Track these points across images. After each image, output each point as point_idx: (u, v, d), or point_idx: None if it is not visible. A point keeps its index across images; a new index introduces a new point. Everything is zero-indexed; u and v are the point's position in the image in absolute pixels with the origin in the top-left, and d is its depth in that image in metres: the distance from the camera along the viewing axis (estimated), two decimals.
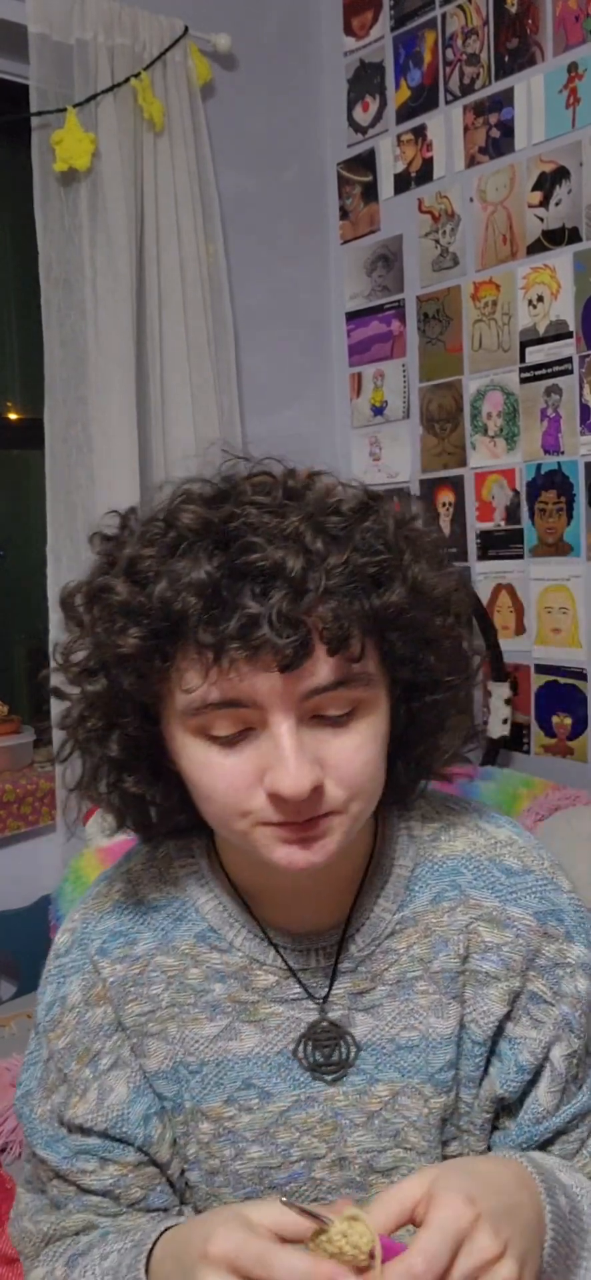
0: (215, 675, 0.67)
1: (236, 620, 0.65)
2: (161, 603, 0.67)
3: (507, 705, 2.42)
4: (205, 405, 2.41)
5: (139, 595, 0.68)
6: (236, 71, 2.60)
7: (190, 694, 0.69)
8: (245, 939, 0.82)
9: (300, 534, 0.67)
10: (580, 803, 2.10)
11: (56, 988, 0.85)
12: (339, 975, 0.82)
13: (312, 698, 0.69)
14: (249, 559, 0.66)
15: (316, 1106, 0.82)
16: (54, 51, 2.18)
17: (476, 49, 2.44)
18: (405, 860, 0.83)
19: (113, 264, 2.24)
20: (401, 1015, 0.81)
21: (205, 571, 0.66)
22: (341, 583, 0.67)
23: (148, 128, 2.31)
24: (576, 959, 0.81)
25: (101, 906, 0.87)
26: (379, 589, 0.69)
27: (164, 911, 0.84)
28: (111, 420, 2.24)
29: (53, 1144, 0.83)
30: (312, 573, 0.66)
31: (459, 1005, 0.81)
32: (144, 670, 0.70)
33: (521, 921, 0.81)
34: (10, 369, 2.54)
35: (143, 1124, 0.82)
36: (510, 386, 2.44)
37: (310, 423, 2.80)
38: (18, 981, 2.22)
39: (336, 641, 0.67)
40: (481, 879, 0.82)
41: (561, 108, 2.28)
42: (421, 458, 2.66)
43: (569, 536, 2.36)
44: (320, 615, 0.66)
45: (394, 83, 2.65)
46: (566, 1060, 0.80)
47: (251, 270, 2.63)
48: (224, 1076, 0.82)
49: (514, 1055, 0.80)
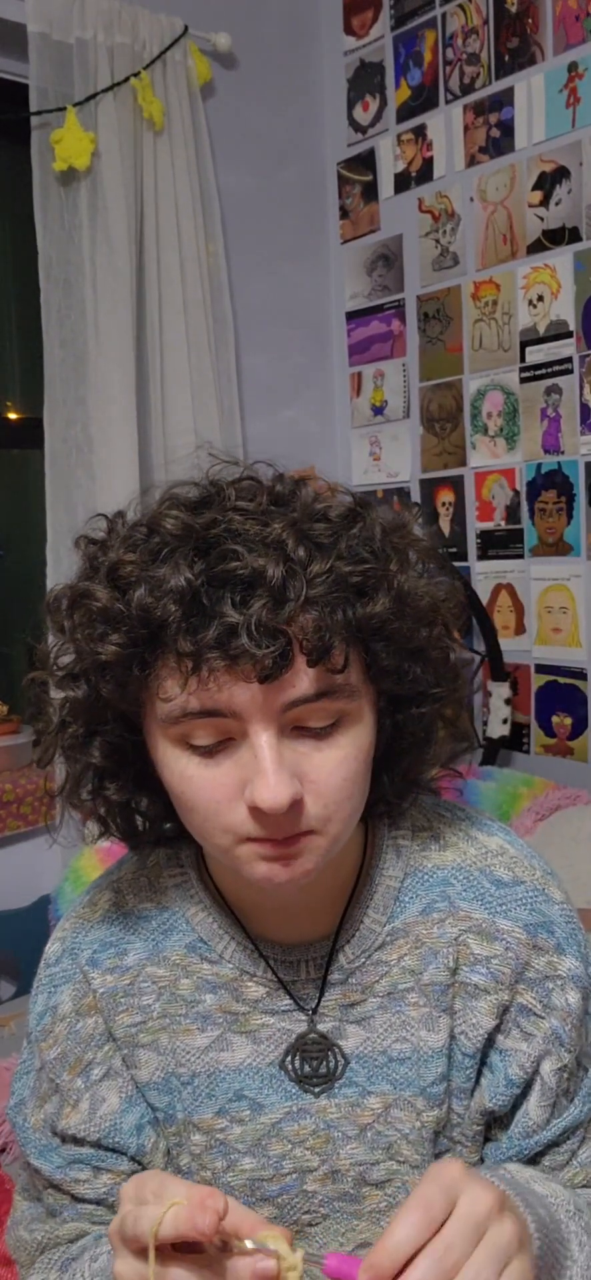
0: (194, 684, 0.66)
1: (215, 629, 0.64)
2: (141, 610, 0.66)
3: (507, 705, 2.42)
4: (205, 405, 2.41)
5: (119, 602, 0.67)
6: (236, 71, 2.60)
7: (169, 702, 0.67)
8: (235, 951, 0.81)
9: (282, 541, 0.65)
10: (580, 803, 2.10)
11: (47, 997, 0.85)
12: (329, 987, 0.81)
13: (293, 709, 0.67)
14: (229, 567, 0.65)
15: (308, 1119, 0.81)
16: (54, 50, 2.18)
17: (476, 48, 2.44)
18: (394, 871, 0.82)
19: (113, 263, 2.23)
20: (393, 1027, 0.80)
21: (185, 579, 0.65)
22: (324, 592, 0.65)
23: (147, 127, 2.31)
24: (567, 972, 0.80)
25: (91, 916, 0.86)
26: (363, 598, 0.68)
27: (154, 922, 0.84)
28: (111, 420, 2.24)
29: (46, 1153, 0.83)
30: (293, 581, 0.65)
31: (449, 1018, 0.80)
32: (123, 678, 0.69)
33: (511, 934, 0.79)
34: (10, 369, 2.54)
35: (135, 1134, 0.82)
36: (510, 386, 2.44)
37: (310, 423, 2.80)
38: (17, 981, 2.22)
39: (317, 652, 0.65)
40: (471, 890, 0.81)
41: (561, 107, 2.28)
42: (421, 457, 2.66)
43: (569, 536, 2.36)
44: (301, 625, 0.65)
45: (394, 82, 2.65)
46: (556, 1075, 0.79)
47: (251, 270, 2.63)
48: (215, 1088, 0.81)
49: (504, 1068, 0.79)
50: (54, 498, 2.23)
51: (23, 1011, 2.02)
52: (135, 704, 0.72)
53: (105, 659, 0.68)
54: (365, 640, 0.70)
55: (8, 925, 2.20)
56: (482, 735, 2.51)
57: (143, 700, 0.71)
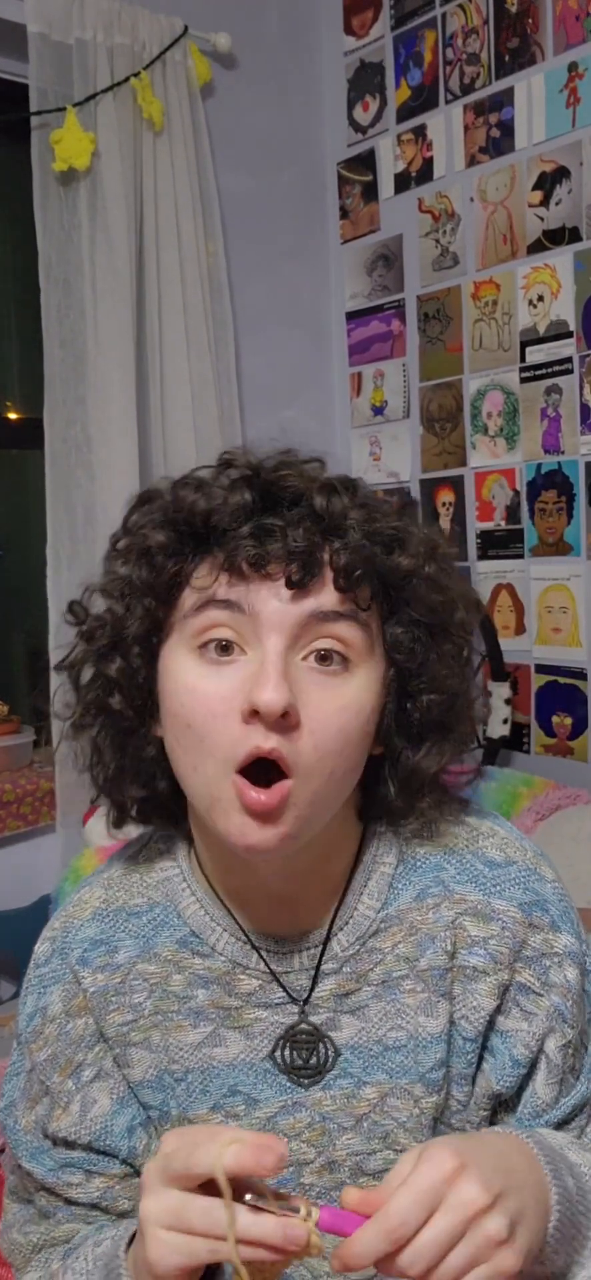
0: (225, 578, 0.71)
1: (253, 525, 0.71)
2: (194, 510, 0.73)
3: (507, 705, 2.41)
4: (205, 405, 2.41)
5: (179, 503, 0.74)
6: (236, 71, 2.60)
7: (198, 591, 0.73)
8: (227, 943, 0.81)
9: (331, 484, 0.73)
10: (580, 802, 2.10)
11: (37, 998, 0.84)
12: (323, 977, 0.81)
13: (311, 624, 0.71)
14: (282, 484, 0.72)
15: (304, 1111, 0.81)
16: (53, 51, 2.17)
17: (476, 48, 2.44)
18: (388, 858, 0.83)
19: (112, 264, 2.23)
20: (388, 1016, 0.80)
21: (242, 498, 0.72)
22: (359, 535, 0.72)
23: (147, 127, 2.30)
24: (563, 948, 0.80)
25: (81, 914, 0.85)
26: (393, 551, 0.75)
27: (145, 917, 0.83)
28: (111, 420, 2.24)
29: (38, 1156, 0.83)
30: (334, 511, 0.72)
31: (448, 1003, 0.80)
32: (162, 566, 0.74)
33: (506, 914, 0.80)
34: (10, 369, 2.54)
35: (127, 1135, 0.81)
36: (510, 386, 2.44)
37: (310, 422, 2.79)
38: (17, 982, 2.22)
39: (345, 574, 0.71)
40: (464, 873, 0.82)
41: (561, 107, 2.27)
42: (421, 457, 2.66)
43: (569, 536, 2.36)
44: (334, 548, 0.72)
45: (394, 82, 2.65)
46: (561, 1051, 0.80)
47: (251, 270, 2.63)
48: (209, 1084, 0.81)
49: (507, 1049, 0.80)
50: (54, 498, 2.23)
51: None
52: (159, 617, 0.75)
53: (150, 545, 0.74)
54: (388, 596, 0.75)
55: (8, 925, 2.20)
56: (482, 735, 2.51)
57: (171, 607, 0.75)
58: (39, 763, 2.41)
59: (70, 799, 2.19)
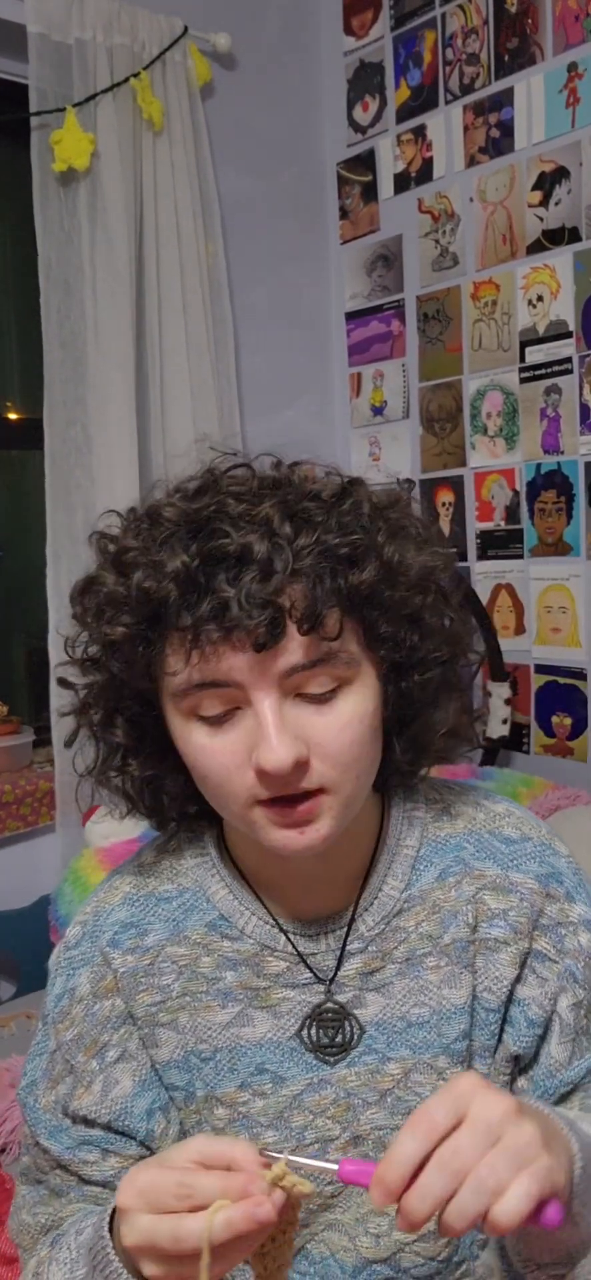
0: (196, 658, 0.71)
1: (209, 603, 0.69)
2: (143, 591, 0.71)
3: (507, 705, 2.41)
4: (205, 405, 2.41)
5: (123, 586, 0.73)
6: (236, 71, 2.60)
7: (175, 677, 0.72)
8: (255, 926, 0.83)
9: (269, 519, 0.70)
10: (580, 803, 2.10)
11: (66, 979, 0.87)
12: (348, 956, 0.83)
13: (292, 676, 0.71)
14: (219, 544, 0.69)
15: (329, 1089, 0.82)
16: (53, 51, 2.17)
17: (476, 49, 2.44)
18: (411, 841, 0.85)
19: (112, 264, 2.23)
20: (411, 992, 0.83)
21: (181, 561, 0.70)
22: (312, 563, 0.69)
23: (147, 127, 2.30)
24: (578, 917, 0.83)
25: (112, 899, 0.88)
26: (353, 568, 0.72)
27: (175, 902, 0.86)
28: (111, 420, 2.24)
29: (56, 1134, 0.85)
30: (279, 555, 0.69)
31: (471, 975, 0.82)
32: (131, 657, 0.74)
33: (524, 885, 0.83)
34: (10, 369, 2.54)
35: (146, 1118, 0.83)
36: (510, 386, 2.44)
37: (310, 423, 2.80)
38: (17, 982, 2.22)
39: (308, 620, 0.69)
40: (483, 850, 0.85)
41: (561, 107, 2.28)
42: (421, 458, 2.66)
43: (568, 536, 2.36)
44: (290, 595, 0.69)
45: (394, 82, 2.65)
46: (573, 1011, 0.82)
47: (251, 270, 2.63)
48: (237, 1062, 0.83)
49: (523, 1014, 0.82)
50: (54, 498, 2.23)
51: (23, 1012, 2.02)
52: (149, 681, 0.76)
53: (114, 639, 0.73)
54: (360, 609, 0.73)
55: (8, 925, 2.20)
56: (482, 735, 2.51)
57: (155, 677, 0.75)
58: (38, 763, 2.41)
59: (70, 799, 2.19)
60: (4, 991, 2.27)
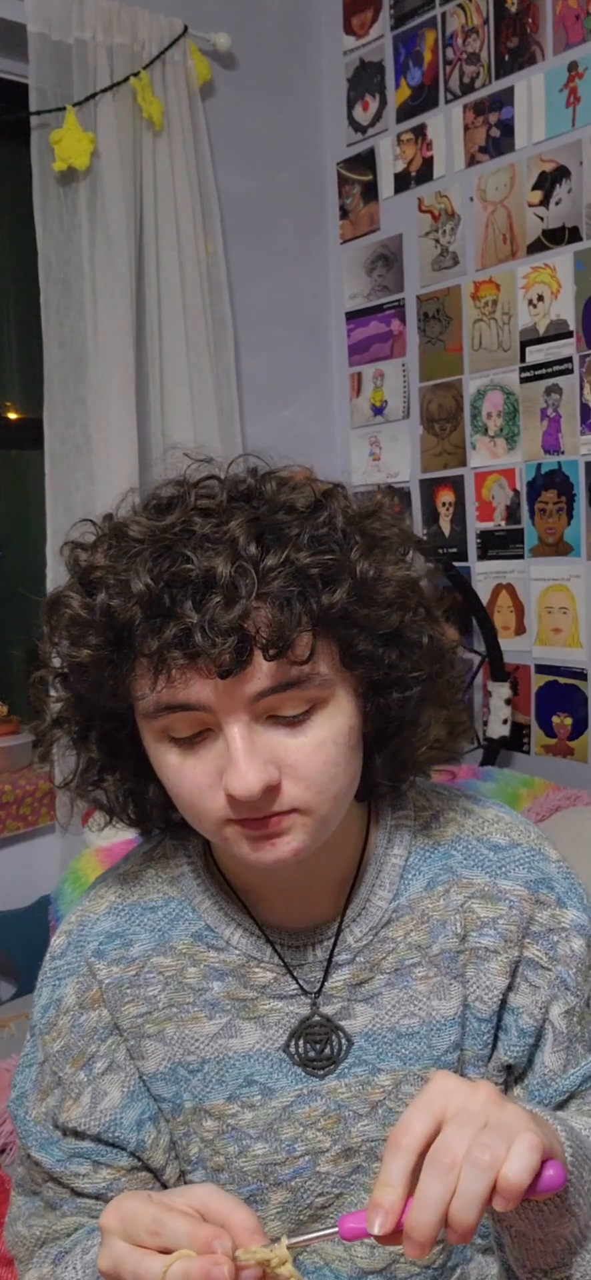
0: (163, 682, 0.68)
1: (173, 629, 0.66)
2: (108, 614, 0.69)
3: (507, 705, 2.41)
4: (205, 405, 2.41)
5: (88, 608, 0.70)
6: (236, 71, 2.60)
7: (143, 700, 0.70)
8: (242, 937, 0.82)
9: (234, 540, 0.67)
10: (580, 803, 2.10)
11: (52, 990, 0.86)
12: (336, 967, 0.82)
13: (260, 700, 0.69)
14: (183, 569, 0.67)
15: (319, 1100, 0.82)
16: (53, 51, 2.17)
17: (476, 48, 2.44)
18: (399, 850, 0.84)
19: (112, 264, 2.23)
20: (401, 1003, 0.82)
21: (145, 583, 0.67)
22: (280, 586, 0.66)
23: (147, 127, 2.30)
24: (570, 923, 0.82)
25: (97, 908, 0.87)
26: (325, 587, 0.68)
27: (161, 912, 0.85)
28: (111, 420, 2.24)
29: (47, 1146, 0.84)
30: (244, 579, 0.66)
31: (461, 985, 0.81)
32: (99, 679, 0.71)
33: (513, 893, 0.82)
34: (10, 369, 2.53)
35: (135, 1129, 0.82)
36: (510, 386, 2.44)
37: (310, 423, 2.79)
38: (17, 982, 2.22)
39: (274, 646, 0.66)
40: (471, 858, 0.83)
41: (561, 107, 2.27)
42: (421, 458, 2.66)
43: (569, 536, 2.35)
44: (255, 621, 0.66)
45: (394, 82, 2.64)
46: (566, 1018, 0.81)
47: (251, 270, 2.63)
48: (225, 1074, 0.82)
49: (515, 1022, 0.81)
50: (54, 498, 2.23)
51: (22, 1013, 2.02)
52: (120, 700, 0.74)
53: (81, 661, 0.71)
54: (335, 629, 0.70)
55: (7, 925, 2.20)
56: (483, 736, 2.50)
57: (124, 695, 0.73)
58: (38, 763, 2.41)
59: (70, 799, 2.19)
60: (4, 991, 2.27)
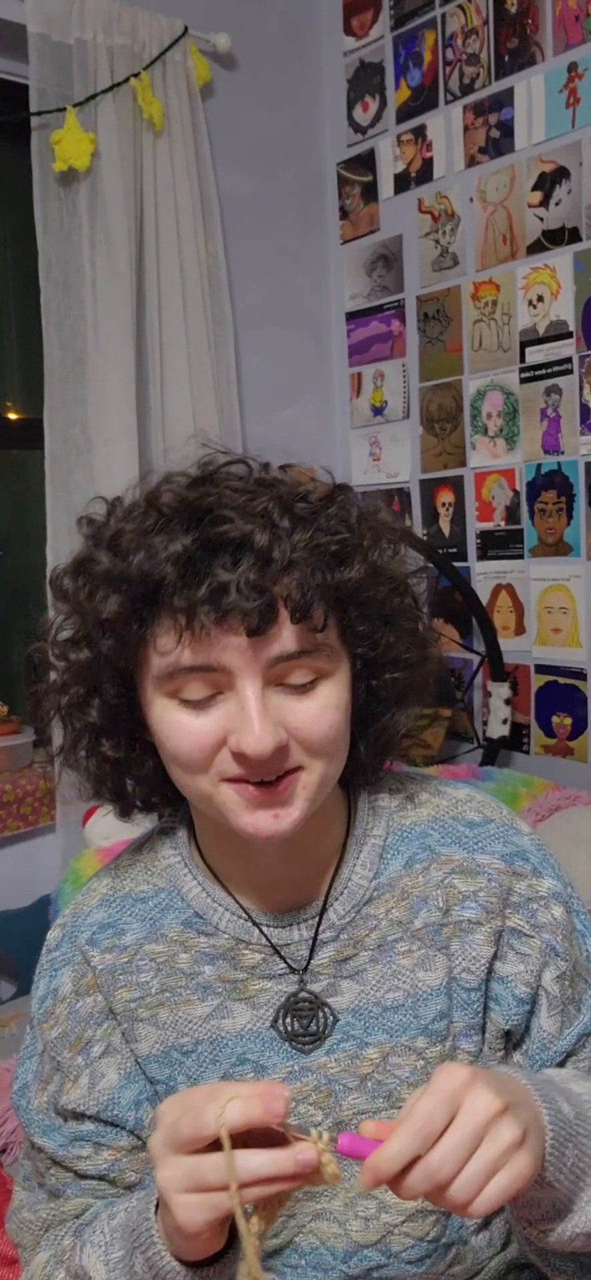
0: (188, 639, 0.73)
1: (207, 587, 0.71)
2: (140, 572, 0.73)
3: (507, 705, 2.41)
4: (205, 405, 2.41)
5: (120, 565, 0.74)
6: (236, 71, 2.60)
7: (165, 657, 0.74)
8: (229, 921, 0.85)
9: (269, 512, 0.73)
10: (580, 803, 2.10)
11: (49, 981, 0.89)
12: (321, 945, 0.85)
13: (278, 664, 0.74)
14: (220, 530, 0.72)
15: (310, 1075, 0.84)
16: (53, 51, 2.17)
17: (476, 49, 2.44)
18: (378, 831, 0.88)
19: (112, 264, 2.23)
20: (385, 978, 0.84)
21: (181, 544, 0.72)
22: (305, 556, 0.73)
23: (147, 127, 2.30)
24: (547, 890, 0.86)
25: (89, 901, 0.90)
26: (340, 566, 0.75)
27: (151, 902, 0.88)
28: (111, 421, 2.24)
29: (49, 1131, 0.87)
30: (278, 546, 0.72)
31: (445, 957, 0.85)
32: (123, 635, 0.75)
33: (490, 866, 0.86)
34: (10, 369, 2.54)
35: (133, 1108, 0.85)
36: (510, 386, 2.44)
37: (310, 423, 2.80)
38: (17, 982, 2.22)
39: (300, 610, 0.72)
40: (448, 836, 0.88)
41: (561, 107, 2.28)
42: (421, 458, 2.66)
43: (569, 536, 2.36)
44: (285, 585, 0.72)
45: (394, 83, 2.65)
46: (558, 983, 0.85)
47: (251, 270, 2.63)
48: (219, 1054, 0.85)
49: (509, 991, 0.85)
50: (54, 498, 2.23)
51: (23, 1012, 2.02)
52: (132, 662, 0.77)
53: (106, 616, 0.75)
54: (342, 605, 0.77)
55: (8, 925, 2.20)
56: (482, 736, 2.51)
57: (139, 660, 0.77)
58: (39, 763, 2.41)
59: (70, 799, 2.19)
60: (4, 991, 2.27)
